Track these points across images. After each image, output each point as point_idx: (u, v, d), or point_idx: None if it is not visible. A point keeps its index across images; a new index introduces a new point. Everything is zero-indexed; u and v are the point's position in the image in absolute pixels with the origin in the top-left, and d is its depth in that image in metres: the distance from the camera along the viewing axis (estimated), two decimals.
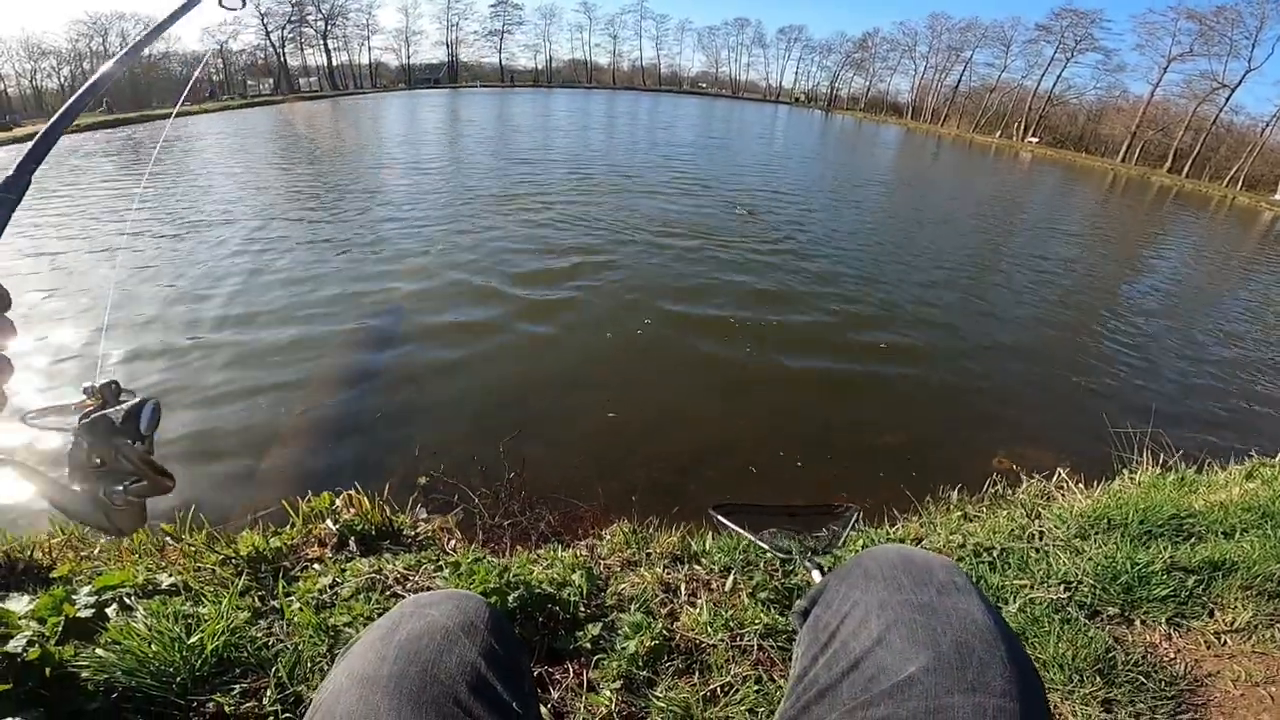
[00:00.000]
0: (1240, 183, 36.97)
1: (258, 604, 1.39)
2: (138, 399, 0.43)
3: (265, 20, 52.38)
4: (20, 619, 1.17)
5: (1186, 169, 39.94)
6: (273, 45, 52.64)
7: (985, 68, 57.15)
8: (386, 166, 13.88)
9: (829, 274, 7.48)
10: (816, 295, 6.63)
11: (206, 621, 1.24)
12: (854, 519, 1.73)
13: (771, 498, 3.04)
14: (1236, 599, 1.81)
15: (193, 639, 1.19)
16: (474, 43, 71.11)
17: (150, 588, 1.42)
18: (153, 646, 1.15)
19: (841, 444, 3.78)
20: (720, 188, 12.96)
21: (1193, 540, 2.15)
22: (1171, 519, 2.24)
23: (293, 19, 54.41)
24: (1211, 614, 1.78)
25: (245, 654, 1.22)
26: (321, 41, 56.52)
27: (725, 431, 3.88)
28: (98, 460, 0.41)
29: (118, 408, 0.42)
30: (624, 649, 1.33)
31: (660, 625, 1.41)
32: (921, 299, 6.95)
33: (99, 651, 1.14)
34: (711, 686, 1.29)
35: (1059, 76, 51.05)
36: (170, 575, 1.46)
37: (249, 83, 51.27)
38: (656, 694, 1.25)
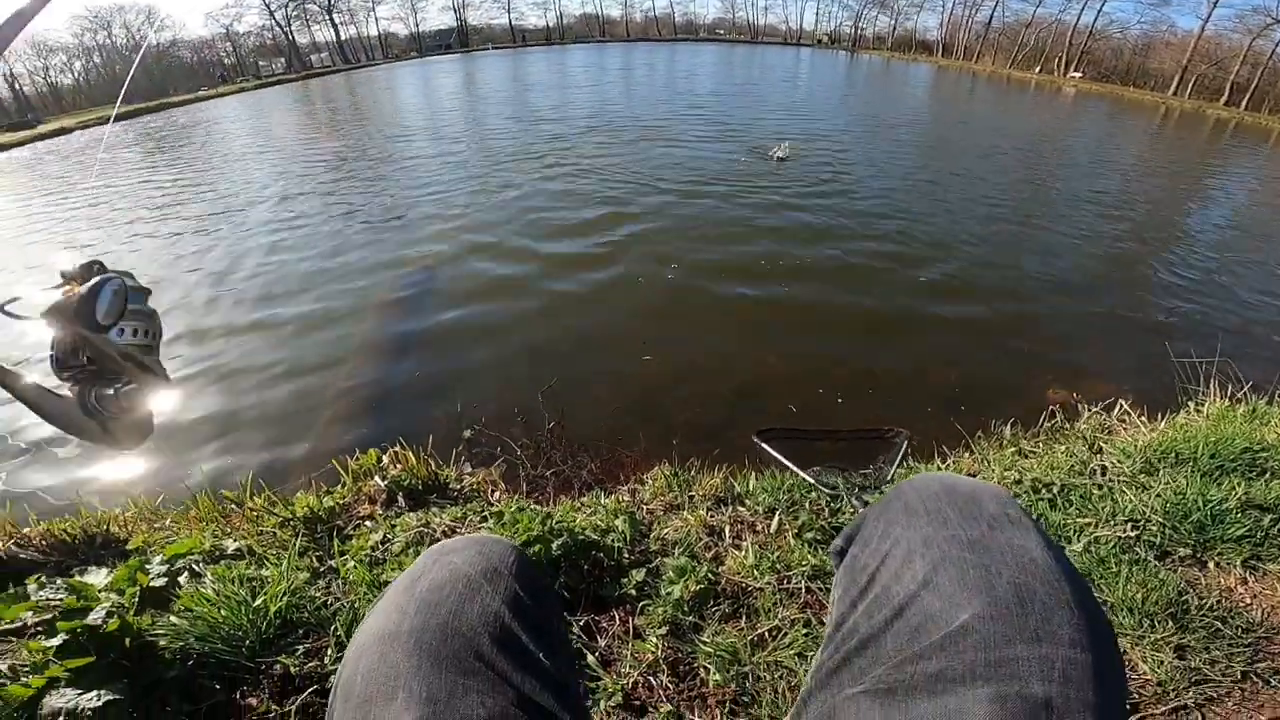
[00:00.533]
0: None
1: (315, 564, 1.42)
2: (98, 278, 0.35)
3: (267, 0, 51.84)
4: (100, 591, 1.20)
5: (1245, 102, 37.07)
6: (278, 24, 52.02)
7: (1020, 2, 53.33)
8: (406, 137, 13.76)
9: (867, 212, 7.27)
10: (853, 234, 6.48)
11: (270, 584, 1.27)
12: (904, 447, 1.65)
13: None
14: None
15: (257, 602, 1.21)
16: (481, 4, 69.62)
17: (217, 553, 1.45)
18: (222, 611, 1.18)
19: (887, 381, 3.72)
20: (748, 133, 12.53)
21: (1267, 476, 2.02)
22: (1244, 453, 2.10)
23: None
24: None
25: (306, 614, 1.25)
26: (327, 17, 55.80)
27: (764, 371, 3.86)
28: (84, 359, 0.35)
29: (74, 289, 0.35)
30: (669, 594, 1.32)
31: (705, 569, 1.39)
32: (967, 235, 6.71)
33: (173, 619, 1.17)
34: (759, 630, 1.27)
35: (1100, 10, 47.34)
36: (235, 540, 1.50)
37: (260, 64, 51.10)
38: (703, 639, 1.24)
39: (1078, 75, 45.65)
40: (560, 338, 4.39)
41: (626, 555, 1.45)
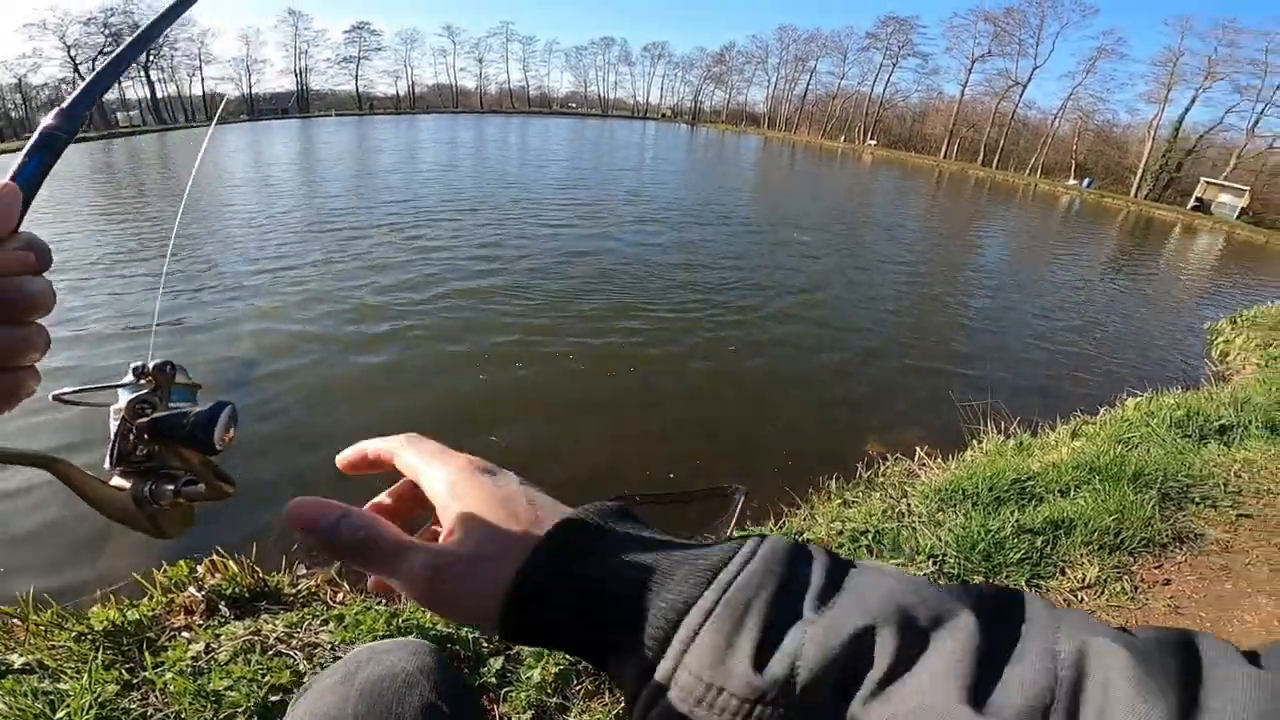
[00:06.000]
0: (1039, 171, 43.51)
1: (126, 676, 1.36)
2: (207, 406, 0.35)
3: (72, 52, 45.98)
4: None
5: (995, 161, 46.32)
6: (81, 78, 46.10)
7: (828, 76, 63.01)
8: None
9: (689, 286, 7.66)
10: (671, 306, 6.79)
11: (71, 696, 1.23)
12: (739, 503, 1.72)
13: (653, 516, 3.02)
14: (1081, 555, 2.03)
15: (59, 715, 1.18)
16: (326, 70, 67.36)
17: (2, 669, 1.37)
18: None
19: (719, 448, 3.86)
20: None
21: (1035, 502, 2.39)
22: (1014, 483, 2.48)
23: (106, 50, 48.23)
24: (1064, 572, 1.97)
25: None
26: (143, 73, 50.62)
27: (599, 450, 3.86)
28: (146, 455, 0.36)
29: (186, 411, 0.35)
30: (529, 678, 1.35)
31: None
32: (778, 304, 7.29)
33: None
34: (623, 704, 1.28)
35: (888, 81, 57.46)
36: (22, 655, 1.42)
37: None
38: (570, 719, 1.29)
39: (873, 143, 54.27)
40: (385, 420, 4.12)
41: (484, 644, 1.46)
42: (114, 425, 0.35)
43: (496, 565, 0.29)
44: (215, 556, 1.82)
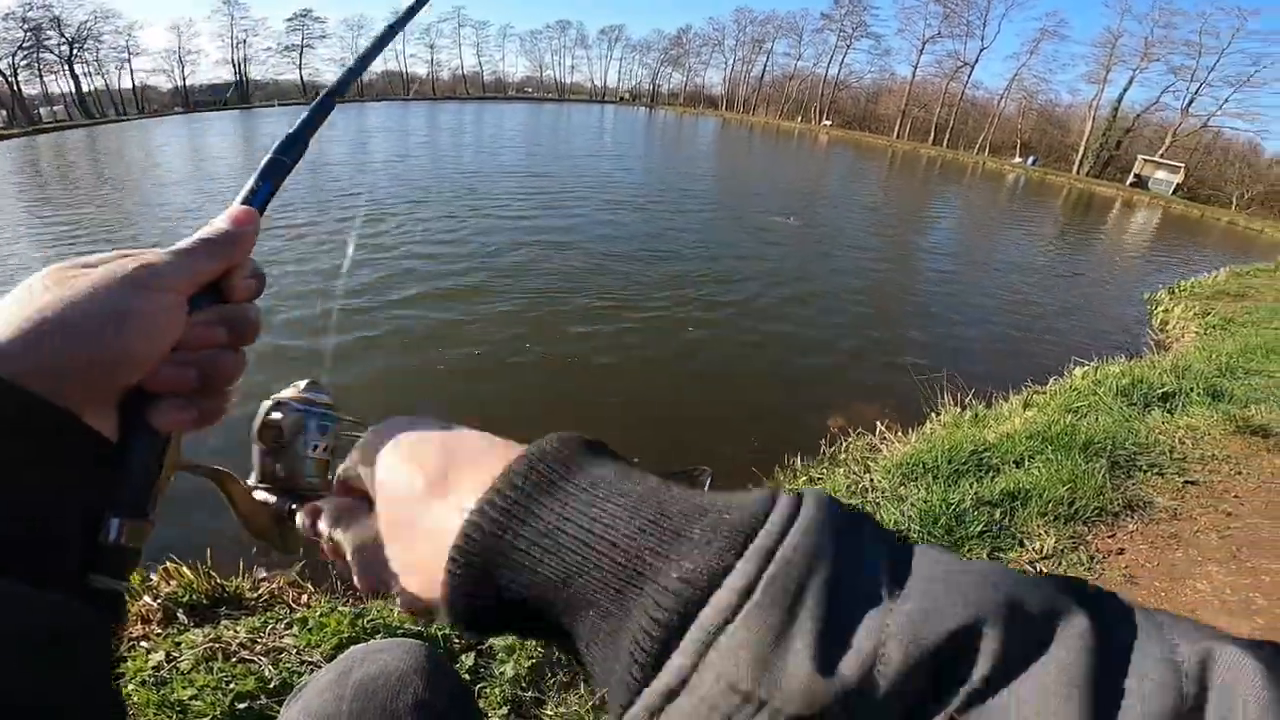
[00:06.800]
0: (987, 149, 44.81)
1: None
2: (296, 412, 0.38)
3: None
4: None
5: (946, 140, 47.51)
6: (1, 74, 42.94)
7: (784, 58, 63.46)
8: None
9: (647, 277, 7.54)
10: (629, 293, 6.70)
11: None
12: (708, 482, 1.67)
13: None
14: (1038, 526, 2.05)
15: None
16: (267, 60, 64.34)
17: None
18: None
19: (679, 431, 3.81)
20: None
21: (991, 473, 2.42)
22: (972, 454, 2.51)
23: (26, 45, 44.91)
24: (1022, 544, 1.98)
25: None
26: (65, 67, 47.41)
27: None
28: (281, 472, 0.38)
29: (276, 417, 0.38)
30: (503, 674, 1.34)
31: (535, 642, 1.39)
32: (740, 286, 7.24)
33: None
34: (598, 695, 1.29)
35: (843, 63, 58.19)
36: None
37: None
38: (546, 713, 1.28)
39: (829, 123, 54.98)
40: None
41: (457, 641, 1.44)
42: (256, 450, 0.38)
43: (421, 530, 0.25)
44: (169, 564, 1.79)
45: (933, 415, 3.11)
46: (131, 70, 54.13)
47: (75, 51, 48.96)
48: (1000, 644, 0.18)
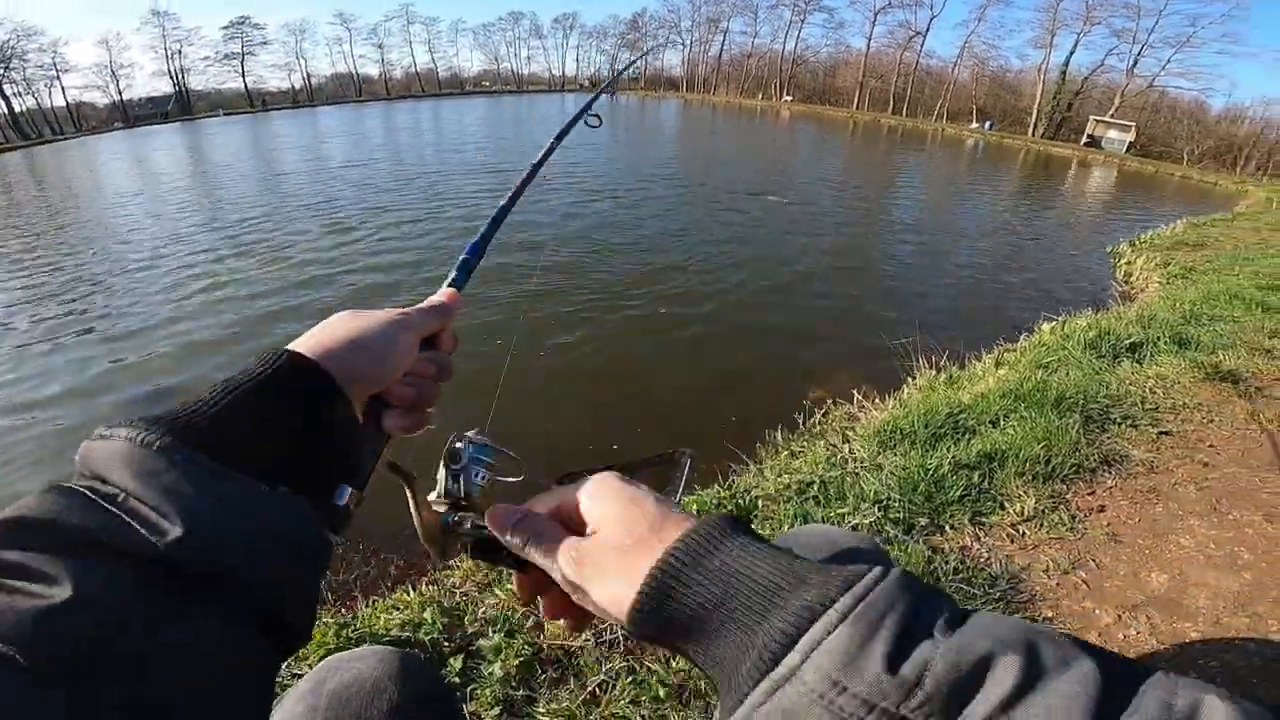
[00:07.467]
0: (944, 117, 45.29)
1: None
2: (474, 445, 0.45)
3: None
4: None
5: (904, 109, 47.92)
6: None
7: (741, 36, 63.17)
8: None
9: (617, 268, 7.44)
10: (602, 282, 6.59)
11: None
12: (687, 467, 1.60)
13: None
14: (1017, 487, 2.01)
15: None
16: (206, 69, 62.08)
17: None
18: None
19: (663, 415, 3.73)
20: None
21: (968, 435, 2.38)
22: (948, 417, 2.47)
23: None
24: (1003, 506, 1.94)
25: None
26: None
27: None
28: (455, 491, 0.44)
29: (459, 446, 0.45)
30: (492, 674, 1.35)
31: (522, 640, 1.42)
32: (713, 263, 7.18)
33: None
34: (589, 689, 1.31)
35: (798, 38, 58.16)
36: None
37: None
38: (538, 710, 1.28)
39: (789, 99, 55.04)
40: None
41: (446, 644, 1.44)
42: (443, 470, 0.44)
43: (632, 553, 0.33)
44: None
45: (909, 380, 3.08)
46: (63, 88, 52.58)
47: (2, 71, 47.01)
48: (1020, 670, 0.24)
